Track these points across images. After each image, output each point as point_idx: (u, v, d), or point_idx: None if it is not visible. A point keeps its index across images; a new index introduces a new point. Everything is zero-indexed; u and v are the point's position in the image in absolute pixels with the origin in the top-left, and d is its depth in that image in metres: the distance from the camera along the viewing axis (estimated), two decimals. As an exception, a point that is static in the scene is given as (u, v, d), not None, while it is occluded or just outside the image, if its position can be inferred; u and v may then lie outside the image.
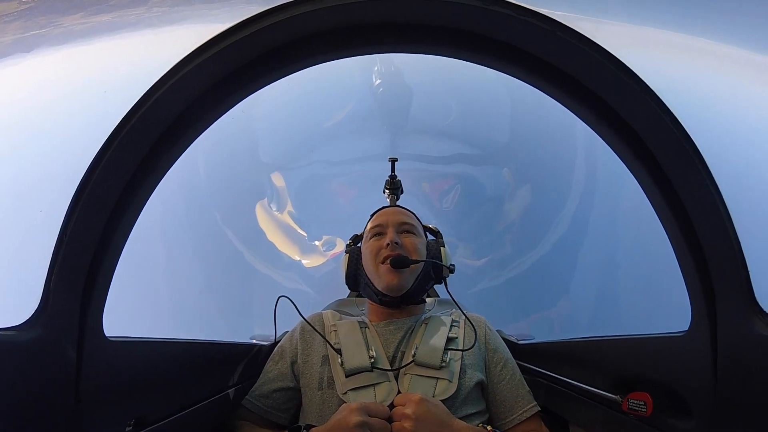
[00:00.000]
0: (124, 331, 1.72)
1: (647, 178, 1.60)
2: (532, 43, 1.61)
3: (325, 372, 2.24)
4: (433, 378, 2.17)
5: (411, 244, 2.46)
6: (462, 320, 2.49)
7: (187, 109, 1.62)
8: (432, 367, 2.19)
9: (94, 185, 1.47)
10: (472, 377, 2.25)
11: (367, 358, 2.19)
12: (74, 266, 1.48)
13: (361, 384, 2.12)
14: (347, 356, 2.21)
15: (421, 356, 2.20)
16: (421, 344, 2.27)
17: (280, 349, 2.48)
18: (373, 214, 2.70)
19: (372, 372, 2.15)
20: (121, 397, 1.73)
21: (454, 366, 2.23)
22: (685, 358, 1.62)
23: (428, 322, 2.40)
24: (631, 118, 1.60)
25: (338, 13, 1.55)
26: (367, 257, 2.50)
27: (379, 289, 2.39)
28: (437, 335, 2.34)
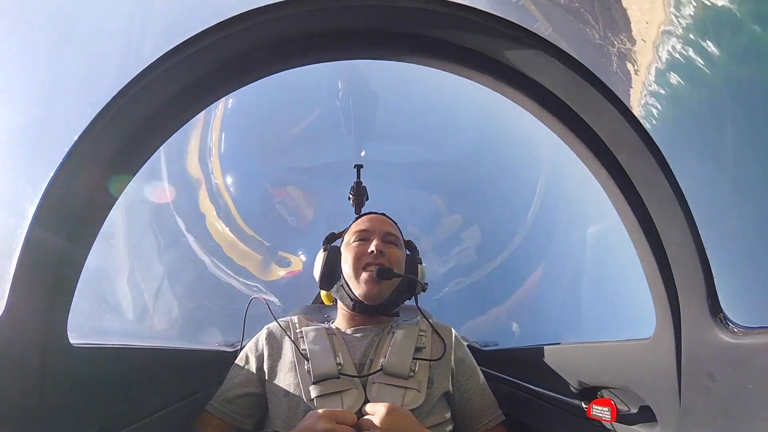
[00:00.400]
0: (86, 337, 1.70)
1: (611, 184, 1.62)
2: (498, 49, 1.63)
3: (292, 378, 2.21)
4: (401, 387, 2.16)
5: (395, 257, 2.47)
6: (429, 329, 2.48)
7: (151, 117, 1.61)
8: (400, 376, 2.19)
9: (58, 191, 1.45)
10: (440, 387, 2.26)
11: (335, 365, 2.18)
12: (38, 273, 1.46)
13: (328, 391, 2.11)
14: (315, 363, 2.19)
15: (390, 365, 2.19)
16: (389, 353, 2.26)
17: (245, 354, 2.45)
18: (359, 216, 2.70)
19: (339, 379, 2.14)
20: (87, 405, 1.72)
21: (421, 376, 2.23)
22: (650, 365, 1.65)
23: (395, 331, 2.39)
24: (594, 122, 1.62)
25: (302, 21, 1.56)
26: (348, 260, 2.49)
27: (357, 294, 2.40)
28: (405, 344, 2.34)
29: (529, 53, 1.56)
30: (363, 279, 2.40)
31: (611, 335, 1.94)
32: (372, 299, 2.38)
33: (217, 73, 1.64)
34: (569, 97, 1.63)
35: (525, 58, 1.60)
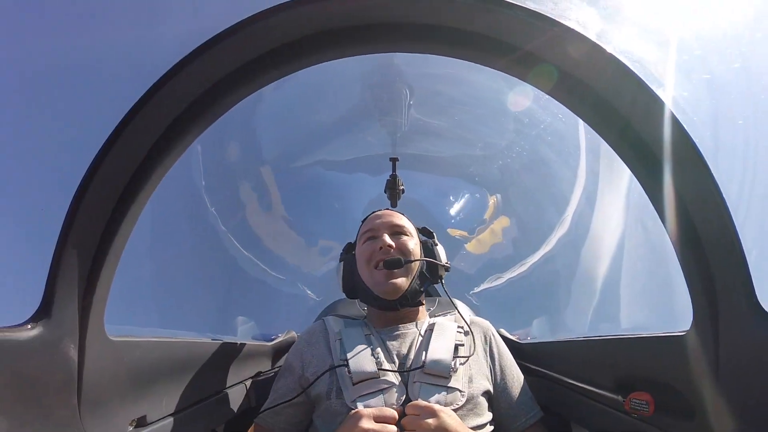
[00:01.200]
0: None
1: (647, 176, 1.60)
2: (525, 39, 1.61)
3: (333, 382, 2.22)
4: (443, 387, 2.15)
5: (404, 245, 2.48)
6: (467, 325, 2.48)
7: (187, 109, 1.62)
8: (441, 375, 2.18)
9: (95, 183, 1.47)
10: (480, 386, 2.28)
11: (374, 364, 2.19)
12: (76, 264, 1.48)
13: (368, 391, 2.12)
14: (354, 364, 2.20)
15: (431, 364, 2.19)
16: (430, 352, 2.26)
17: (287, 364, 2.48)
18: (365, 219, 2.72)
19: (379, 378, 2.15)
20: (123, 397, 1.74)
21: (462, 374, 2.23)
22: (687, 358, 1.62)
23: (434, 328, 2.39)
24: (630, 114, 1.60)
25: (337, 13, 1.55)
26: (361, 262, 2.53)
27: (377, 293, 2.42)
28: (444, 342, 2.33)
29: (560, 44, 1.54)
30: (377, 276, 2.43)
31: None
32: (391, 293, 2.41)
33: (257, 62, 1.65)
34: (604, 88, 1.61)
35: (556, 49, 1.58)
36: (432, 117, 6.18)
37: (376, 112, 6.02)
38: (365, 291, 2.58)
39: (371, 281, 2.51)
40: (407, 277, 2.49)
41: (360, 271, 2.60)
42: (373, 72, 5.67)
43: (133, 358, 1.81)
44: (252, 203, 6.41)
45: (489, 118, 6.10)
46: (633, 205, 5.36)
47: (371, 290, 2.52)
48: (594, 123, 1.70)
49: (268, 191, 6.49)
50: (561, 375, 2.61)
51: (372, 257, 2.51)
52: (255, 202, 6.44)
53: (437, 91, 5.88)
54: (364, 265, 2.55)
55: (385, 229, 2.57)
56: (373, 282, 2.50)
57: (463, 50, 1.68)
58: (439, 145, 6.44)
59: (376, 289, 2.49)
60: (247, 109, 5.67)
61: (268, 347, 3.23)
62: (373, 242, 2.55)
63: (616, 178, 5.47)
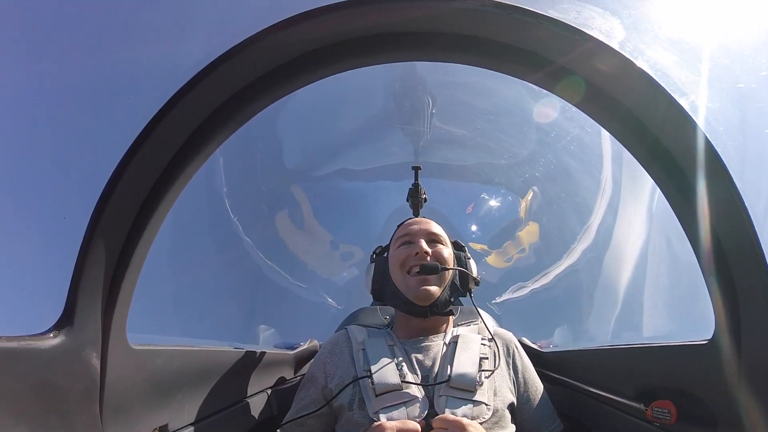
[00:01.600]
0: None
1: (669, 186, 1.59)
2: (557, 52, 1.61)
3: (356, 393, 2.20)
4: (469, 400, 2.14)
5: (440, 253, 2.44)
6: (491, 334, 2.47)
7: (210, 116, 1.63)
8: (467, 389, 2.16)
9: (118, 191, 1.48)
10: (504, 399, 2.24)
11: (398, 376, 2.17)
12: (98, 273, 1.49)
13: (391, 403, 2.10)
14: (377, 376, 2.18)
15: (457, 378, 2.17)
16: (455, 365, 2.23)
17: (310, 375, 2.45)
18: (401, 224, 2.67)
19: (402, 391, 2.13)
20: (145, 406, 1.75)
21: (487, 387, 2.21)
22: (709, 367, 1.61)
23: (458, 341, 2.37)
24: (653, 125, 1.59)
25: (360, 22, 1.56)
26: (394, 266, 2.47)
27: (408, 298, 2.37)
28: (470, 355, 2.32)
29: (586, 54, 1.54)
30: (411, 282, 2.38)
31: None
32: (424, 299, 2.36)
33: (281, 71, 1.66)
34: (627, 98, 1.61)
35: (581, 60, 1.58)
36: (454, 126, 6.19)
37: (398, 120, 6.04)
38: (395, 294, 2.53)
39: (404, 285, 2.45)
40: (440, 285, 2.43)
41: (392, 274, 2.55)
42: (395, 80, 5.69)
43: (154, 366, 1.81)
44: (274, 211, 6.45)
45: (512, 127, 6.10)
46: (655, 214, 5.34)
47: (403, 294, 2.46)
48: (619, 135, 1.69)
49: (291, 199, 6.53)
50: (583, 383, 2.60)
51: (407, 261, 2.46)
52: (277, 210, 6.47)
53: (460, 99, 5.89)
54: (398, 268, 2.49)
55: (422, 235, 2.52)
56: (406, 286, 2.44)
57: (494, 61, 1.67)
58: (462, 153, 6.45)
59: (409, 293, 2.43)
60: (270, 117, 5.71)
61: (290, 356, 3.23)
62: (409, 247, 2.50)
63: (638, 187, 5.45)
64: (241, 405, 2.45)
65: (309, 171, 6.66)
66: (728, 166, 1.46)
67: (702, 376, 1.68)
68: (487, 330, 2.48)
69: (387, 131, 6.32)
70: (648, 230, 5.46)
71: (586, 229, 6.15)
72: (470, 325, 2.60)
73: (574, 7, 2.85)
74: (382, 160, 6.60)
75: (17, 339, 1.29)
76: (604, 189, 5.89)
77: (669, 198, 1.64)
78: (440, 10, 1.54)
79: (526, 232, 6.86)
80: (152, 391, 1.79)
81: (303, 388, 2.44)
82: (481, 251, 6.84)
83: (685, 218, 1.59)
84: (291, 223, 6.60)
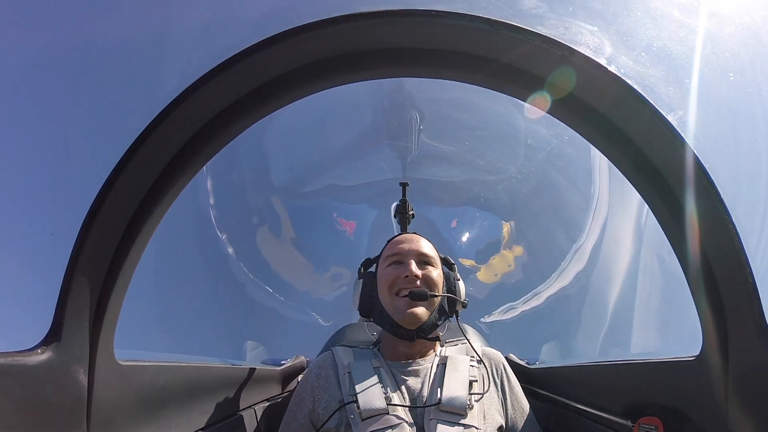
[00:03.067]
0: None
1: (657, 202, 1.60)
2: (542, 67, 1.62)
3: (343, 418, 2.19)
4: (459, 424, 2.13)
5: (430, 278, 2.43)
6: (479, 355, 2.46)
7: (198, 133, 1.62)
8: (457, 412, 2.15)
9: (105, 208, 1.47)
10: (493, 421, 2.26)
11: (383, 400, 2.16)
12: (86, 289, 1.48)
13: (378, 427, 2.09)
14: (363, 400, 2.17)
15: (447, 401, 2.16)
16: (445, 388, 2.23)
17: (298, 399, 2.43)
18: (391, 240, 2.64)
19: (389, 414, 2.12)
20: (132, 422, 1.74)
21: (477, 410, 2.21)
22: (697, 383, 1.62)
23: (447, 362, 2.37)
24: (641, 140, 1.60)
25: (347, 39, 1.56)
26: (383, 286, 2.46)
27: (395, 320, 2.36)
28: (459, 377, 2.31)
29: (573, 71, 1.54)
30: (399, 304, 2.38)
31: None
32: (410, 323, 2.36)
33: (262, 91, 1.66)
34: (614, 113, 1.62)
35: (570, 77, 1.59)
36: (442, 142, 6.21)
37: (386, 136, 6.05)
38: (382, 314, 2.52)
39: (392, 307, 2.45)
40: (428, 309, 2.43)
41: (380, 293, 2.54)
42: (383, 97, 5.70)
43: (142, 382, 1.81)
44: (261, 228, 6.45)
45: (500, 143, 6.13)
46: (643, 231, 5.36)
47: (390, 316, 2.47)
48: (606, 150, 1.70)
49: (278, 216, 6.53)
50: (570, 400, 2.60)
51: (396, 283, 2.45)
52: (264, 228, 6.47)
53: (448, 115, 5.91)
54: (386, 289, 2.48)
55: (412, 256, 2.49)
56: (393, 308, 2.44)
57: (482, 77, 1.68)
58: (449, 169, 6.47)
59: (396, 316, 2.42)
60: (257, 134, 5.71)
61: (277, 372, 3.22)
62: (399, 268, 2.49)
63: (628, 204, 5.47)
64: (229, 421, 2.44)
65: (297, 188, 6.67)
66: (716, 182, 1.47)
67: (689, 392, 1.69)
68: (475, 352, 2.48)
69: (375, 147, 6.33)
70: (637, 247, 5.48)
71: (575, 246, 6.17)
72: (458, 344, 2.59)
73: (562, 23, 2.87)
74: (369, 176, 6.61)
75: (4, 355, 1.28)
76: (593, 205, 5.91)
77: (657, 215, 1.65)
78: (428, 27, 1.54)
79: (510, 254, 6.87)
80: (140, 408, 1.78)
81: (290, 412, 2.43)
82: (470, 267, 6.84)
83: (673, 235, 1.60)
84: (276, 240, 6.59)
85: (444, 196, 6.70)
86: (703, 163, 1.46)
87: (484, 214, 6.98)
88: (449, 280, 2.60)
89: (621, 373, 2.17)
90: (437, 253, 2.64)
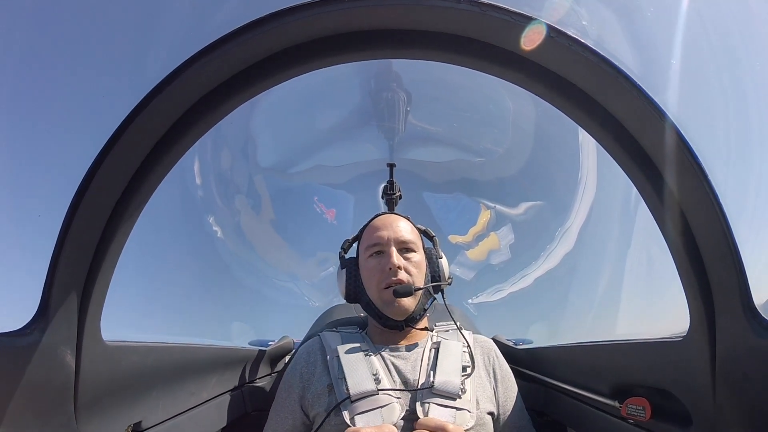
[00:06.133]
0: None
1: (644, 183, 1.60)
2: (530, 48, 1.62)
3: (332, 401, 2.21)
4: (452, 407, 2.15)
5: (413, 267, 2.47)
6: (470, 342, 2.49)
7: (185, 114, 1.62)
8: (450, 396, 2.17)
9: (92, 189, 1.47)
10: (485, 407, 2.28)
11: (373, 382, 2.18)
12: (73, 270, 1.48)
13: (368, 408, 2.11)
14: (352, 382, 2.19)
15: (440, 384, 2.19)
16: (438, 372, 2.25)
17: (286, 385, 2.45)
18: (370, 221, 2.68)
19: (378, 395, 2.13)
20: (119, 403, 1.74)
21: (470, 395, 2.23)
22: (684, 364, 1.63)
23: (440, 347, 2.40)
24: (628, 122, 1.60)
25: (334, 20, 1.56)
26: (367, 278, 2.51)
27: (383, 313, 2.41)
28: (452, 362, 2.34)
29: (561, 52, 1.54)
30: (385, 300, 2.42)
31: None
32: (399, 315, 2.41)
33: (249, 72, 1.65)
34: (600, 93, 1.62)
35: (556, 56, 1.59)
36: (430, 123, 6.19)
37: (373, 117, 6.03)
38: (369, 306, 2.56)
39: (379, 301, 2.49)
40: (414, 299, 2.46)
41: (366, 285, 2.58)
42: (370, 78, 5.67)
43: (129, 363, 1.81)
44: (246, 209, 6.42)
45: (487, 124, 6.11)
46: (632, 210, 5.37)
47: (377, 309, 2.51)
48: (593, 131, 1.70)
49: (264, 197, 6.49)
50: (558, 381, 2.61)
51: (380, 278, 2.48)
52: (249, 208, 6.44)
53: (436, 97, 5.89)
54: (370, 283, 2.53)
55: (392, 244, 2.52)
56: (380, 302, 2.48)
57: (470, 59, 1.68)
58: (437, 150, 6.45)
59: (383, 309, 2.47)
60: (243, 115, 5.68)
61: (264, 353, 3.22)
62: (380, 259, 2.51)
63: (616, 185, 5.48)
64: (216, 401, 2.45)
65: (283, 168, 6.64)
66: (703, 162, 1.47)
67: (677, 373, 1.70)
68: (465, 339, 2.49)
69: (362, 129, 6.31)
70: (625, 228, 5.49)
71: (563, 228, 6.17)
72: (449, 330, 2.60)
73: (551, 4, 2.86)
74: (356, 156, 6.58)
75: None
76: (581, 186, 5.91)
77: (643, 195, 1.65)
78: (415, 9, 1.54)
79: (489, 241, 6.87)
80: (127, 388, 1.78)
81: (279, 398, 2.44)
82: (462, 243, 6.83)
83: (660, 215, 1.61)
84: (262, 220, 6.58)
85: (432, 176, 6.68)
86: (689, 143, 1.46)
87: (473, 194, 6.97)
88: (432, 260, 2.64)
89: (608, 354, 2.18)
90: (417, 232, 2.68)
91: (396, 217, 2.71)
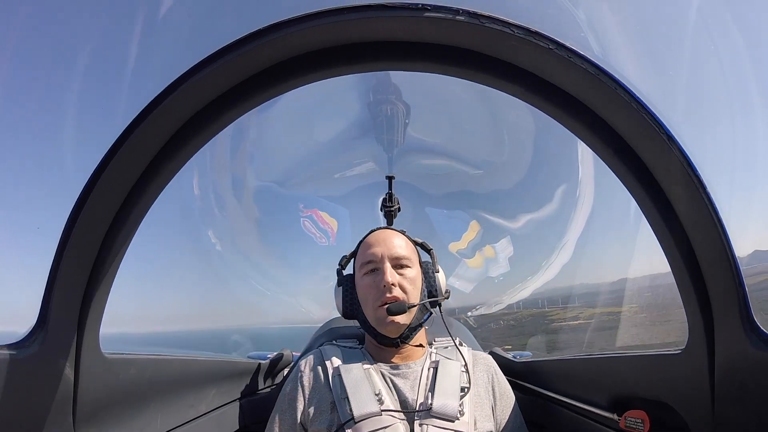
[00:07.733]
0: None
1: (644, 196, 1.61)
2: (528, 60, 1.62)
3: (334, 419, 2.19)
4: (450, 430, 2.15)
5: (407, 283, 2.45)
6: (469, 362, 2.47)
7: (183, 126, 1.62)
8: (448, 418, 2.16)
9: (91, 203, 1.47)
10: (483, 427, 2.26)
11: (376, 403, 2.16)
12: (72, 283, 1.48)
13: (371, 429, 2.10)
14: (355, 403, 2.17)
15: (439, 407, 2.18)
16: (436, 394, 2.24)
17: (287, 398, 2.42)
18: (365, 237, 2.65)
19: (381, 416, 2.12)
20: (118, 415, 1.74)
21: (468, 416, 2.22)
22: (683, 377, 1.63)
23: (438, 366, 2.38)
24: (628, 135, 1.61)
25: (333, 32, 1.56)
26: (363, 295, 2.49)
27: (378, 330, 2.39)
28: (451, 383, 2.31)
29: (560, 64, 1.54)
30: (380, 318, 2.40)
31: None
32: (392, 333, 2.40)
33: (248, 83, 1.65)
34: (601, 108, 1.62)
35: (555, 69, 1.59)
36: (428, 135, 6.21)
37: (372, 130, 6.05)
38: (365, 323, 2.55)
39: (373, 318, 2.46)
40: (409, 316, 2.44)
41: (362, 303, 2.55)
42: (369, 90, 5.69)
43: (128, 375, 1.81)
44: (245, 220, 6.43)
45: (486, 136, 6.13)
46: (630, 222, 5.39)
47: (372, 327, 2.49)
48: (591, 142, 1.70)
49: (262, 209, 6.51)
50: (556, 393, 2.61)
51: (376, 296, 2.45)
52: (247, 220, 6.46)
53: (434, 109, 5.91)
54: (365, 301, 2.52)
55: (386, 260, 2.49)
56: (374, 319, 2.46)
57: (469, 71, 1.69)
58: (436, 163, 6.47)
59: (378, 327, 2.45)
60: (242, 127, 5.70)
61: (262, 365, 3.22)
62: (375, 276, 2.48)
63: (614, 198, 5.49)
64: (214, 414, 2.44)
65: (281, 180, 6.66)
66: (703, 176, 1.48)
67: (675, 386, 1.70)
68: (463, 358, 2.49)
69: (360, 141, 6.32)
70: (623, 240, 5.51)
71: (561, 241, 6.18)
72: (448, 347, 2.58)
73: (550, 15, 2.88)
74: (355, 169, 6.60)
75: None
76: (579, 198, 5.93)
77: (643, 209, 1.65)
78: (412, 21, 1.54)
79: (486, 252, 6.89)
80: (125, 401, 1.78)
81: (279, 411, 2.42)
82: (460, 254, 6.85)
83: (660, 229, 1.61)
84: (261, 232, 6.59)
85: (430, 188, 6.70)
86: (689, 157, 1.46)
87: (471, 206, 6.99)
88: (428, 274, 2.62)
89: (607, 367, 2.18)
90: (413, 247, 2.66)
91: (391, 233, 2.68)
